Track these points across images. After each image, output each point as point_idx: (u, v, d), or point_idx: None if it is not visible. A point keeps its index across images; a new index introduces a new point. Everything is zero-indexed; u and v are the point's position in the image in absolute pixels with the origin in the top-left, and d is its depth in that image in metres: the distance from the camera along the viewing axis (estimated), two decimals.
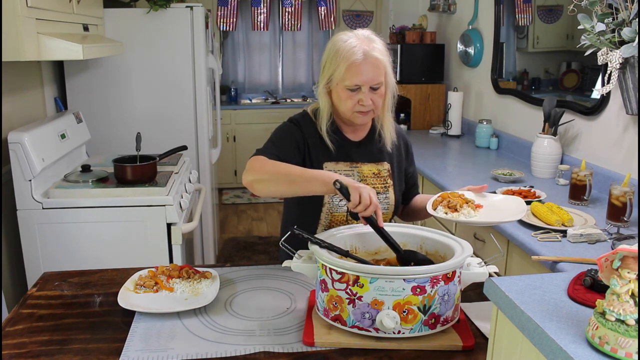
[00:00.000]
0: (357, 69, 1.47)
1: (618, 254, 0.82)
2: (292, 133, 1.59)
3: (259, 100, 6.23)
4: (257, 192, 1.45)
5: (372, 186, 1.61)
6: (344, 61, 1.47)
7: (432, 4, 4.02)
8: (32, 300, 1.46)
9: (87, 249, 2.25)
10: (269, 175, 1.44)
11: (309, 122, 1.62)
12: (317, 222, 1.61)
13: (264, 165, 1.45)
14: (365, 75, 1.47)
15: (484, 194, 1.59)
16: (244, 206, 5.44)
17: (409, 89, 3.89)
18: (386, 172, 1.66)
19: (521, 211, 1.47)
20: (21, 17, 1.89)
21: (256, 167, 1.46)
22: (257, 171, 1.45)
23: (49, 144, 2.33)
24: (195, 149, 3.32)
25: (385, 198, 1.63)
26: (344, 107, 1.53)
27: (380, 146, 1.66)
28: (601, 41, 1.92)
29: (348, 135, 1.64)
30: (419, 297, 1.17)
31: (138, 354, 1.20)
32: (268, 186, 1.44)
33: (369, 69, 1.47)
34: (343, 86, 1.50)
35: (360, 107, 1.51)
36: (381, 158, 1.67)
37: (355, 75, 1.47)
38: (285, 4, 6.00)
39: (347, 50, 1.47)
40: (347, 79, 1.48)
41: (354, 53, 1.47)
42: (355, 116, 1.54)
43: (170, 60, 3.17)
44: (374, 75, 1.48)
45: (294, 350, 1.21)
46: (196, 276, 1.51)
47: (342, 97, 1.51)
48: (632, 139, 2.14)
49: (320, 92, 1.56)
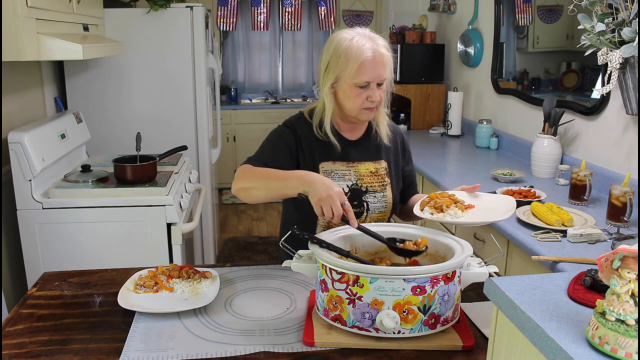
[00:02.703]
0: (367, 67, 1.49)
1: (618, 254, 0.82)
2: (284, 137, 1.61)
3: (259, 100, 6.23)
4: (244, 199, 1.51)
5: (369, 185, 1.62)
6: (354, 59, 1.49)
7: (432, 4, 4.02)
8: (32, 300, 1.46)
9: (87, 249, 2.25)
10: (250, 183, 1.49)
11: (304, 123, 1.63)
12: (316, 222, 1.62)
13: (245, 173, 1.50)
14: (374, 71, 1.50)
15: (476, 194, 1.57)
16: (244, 206, 5.44)
17: (409, 89, 3.89)
18: (383, 170, 1.67)
19: (509, 210, 1.45)
20: (21, 17, 1.88)
21: (239, 176, 1.51)
22: (240, 180, 1.51)
23: (49, 144, 2.33)
24: (195, 149, 3.32)
25: (382, 196, 1.64)
26: (352, 105, 1.54)
27: (377, 143, 1.68)
28: (601, 41, 1.92)
29: (345, 134, 1.65)
30: (419, 297, 1.17)
31: (138, 354, 1.20)
32: (251, 193, 1.49)
33: (377, 66, 1.50)
34: (352, 84, 1.51)
35: (369, 104, 1.54)
36: (378, 156, 1.68)
37: (366, 73, 1.49)
38: (285, 4, 6.00)
39: (357, 48, 1.49)
40: (358, 76, 1.50)
41: (364, 51, 1.49)
42: (362, 113, 1.56)
43: (170, 60, 3.17)
44: (381, 71, 1.52)
45: (294, 350, 1.21)
46: (196, 276, 1.51)
47: (351, 95, 1.53)
48: (632, 139, 2.14)
49: (325, 92, 1.57)
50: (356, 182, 1.62)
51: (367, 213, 1.63)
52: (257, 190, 1.47)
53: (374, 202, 1.63)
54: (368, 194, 1.63)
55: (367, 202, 1.62)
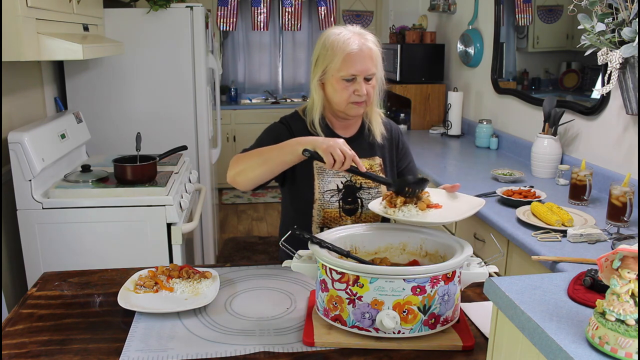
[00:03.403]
0: (353, 59, 1.51)
1: (618, 254, 0.82)
2: (278, 131, 1.63)
3: (259, 100, 6.23)
4: (240, 184, 1.51)
5: (363, 181, 1.63)
6: (340, 52, 1.51)
7: (432, 4, 4.02)
8: (32, 300, 1.46)
9: (87, 249, 2.24)
10: (244, 164, 1.48)
11: (298, 120, 1.66)
12: (311, 220, 1.63)
13: (239, 159, 1.51)
14: (361, 65, 1.51)
15: (455, 194, 1.53)
16: (244, 206, 5.44)
17: (409, 89, 3.89)
18: (378, 166, 1.68)
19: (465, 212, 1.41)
20: (21, 17, 1.88)
21: (234, 163, 1.52)
22: (234, 165, 1.52)
23: (49, 144, 2.33)
24: (195, 149, 3.32)
25: (377, 192, 1.65)
26: (339, 99, 1.56)
27: (370, 141, 1.69)
28: (601, 41, 1.92)
29: (339, 132, 1.67)
30: (419, 297, 1.17)
31: (138, 354, 1.20)
32: (247, 174, 1.48)
33: (364, 59, 1.52)
34: (339, 77, 1.53)
35: (355, 98, 1.55)
36: (373, 153, 1.69)
37: (351, 66, 1.51)
38: (285, 4, 6.00)
39: (343, 42, 1.52)
40: (343, 69, 1.52)
41: (350, 44, 1.51)
42: (349, 107, 1.57)
43: (170, 60, 3.17)
44: (368, 65, 1.53)
45: (294, 350, 1.21)
46: (196, 276, 1.51)
47: (338, 89, 1.54)
48: (632, 139, 2.14)
49: (313, 86, 1.59)
50: (350, 179, 1.63)
51: (361, 209, 1.64)
52: (254, 168, 1.46)
53: (368, 198, 1.63)
54: (362, 190, 1.63)
55: (362, 199, 1.63)
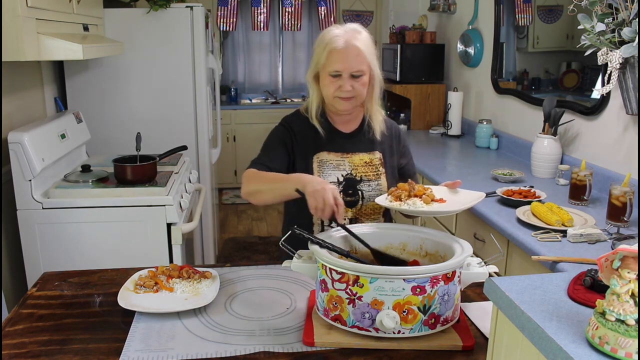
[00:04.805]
0: (337, 56, 1.56)
1: (618, 254, 0.82)
2: (279, 135, 1.69)
3: (259, 100, 6.23)
4: (254, 202, 1.60)
5: (363, 174, 1.66)
6: (326, 48, 1.57)
7: (432, 4, 4.02)
8: (32, 300, 1.46)
9: (87, 248, 2.24)
10: (255, 187, 1.56)
11: (300, 118, 1.71)
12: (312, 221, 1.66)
13: (251, 178, 1.57)
14: (344, 62, 1.56)
15: (457, 190, 1.61)
16: (244, 206, 5.44)
17: (409, 89, 3.89)
18: (378, 160, 1.70)
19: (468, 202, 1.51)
20: (21, 17, 1.88)
21: (246, 180, 1.58)
22: (247, 184, 1.57)
23: (49, 144, 2.33)
24: (195, 149, 3.32)
25: (377, 185, 1.68)
26: (326, 92, 1.62)
27: (370, 137, 1.72)
28: (601, 41, 1.92)
29: (339, 127, 1.70)
30: (419, 297, 1.17)
31: (138, 354, 1.20)
32: (257, 198, 1.56)
33: (349, 57, 1.56)
34: (326, 72, 1.59)
35: (340, 93, 1.59)
36: (372, 148, 1.72)
37: (335, 62, 1.56)
38: (285, 4, 6.00)
39: (330, 38, 1.58)
40: (329, 65, 1.58)
41: (336, 41, 1.57)
42: (336, 101, 1.62)
43: (170, 60, 3.17)
44: (353, 62, 1.56)
45: (294, 350, 1.21)
46: (196, 276, 1.51)
47: (326, 83, 1.61)
48: (632, 139, 2.14)
49: (307, 78, 1.67)
50: (350, 172, 1.66)
51: (362, 202, 1.66)
52: (264, 193, 1.54)
53: (368, 191, 1.66)
54: (362, 182, 1.66)
55: (362, 191, 1.66)
